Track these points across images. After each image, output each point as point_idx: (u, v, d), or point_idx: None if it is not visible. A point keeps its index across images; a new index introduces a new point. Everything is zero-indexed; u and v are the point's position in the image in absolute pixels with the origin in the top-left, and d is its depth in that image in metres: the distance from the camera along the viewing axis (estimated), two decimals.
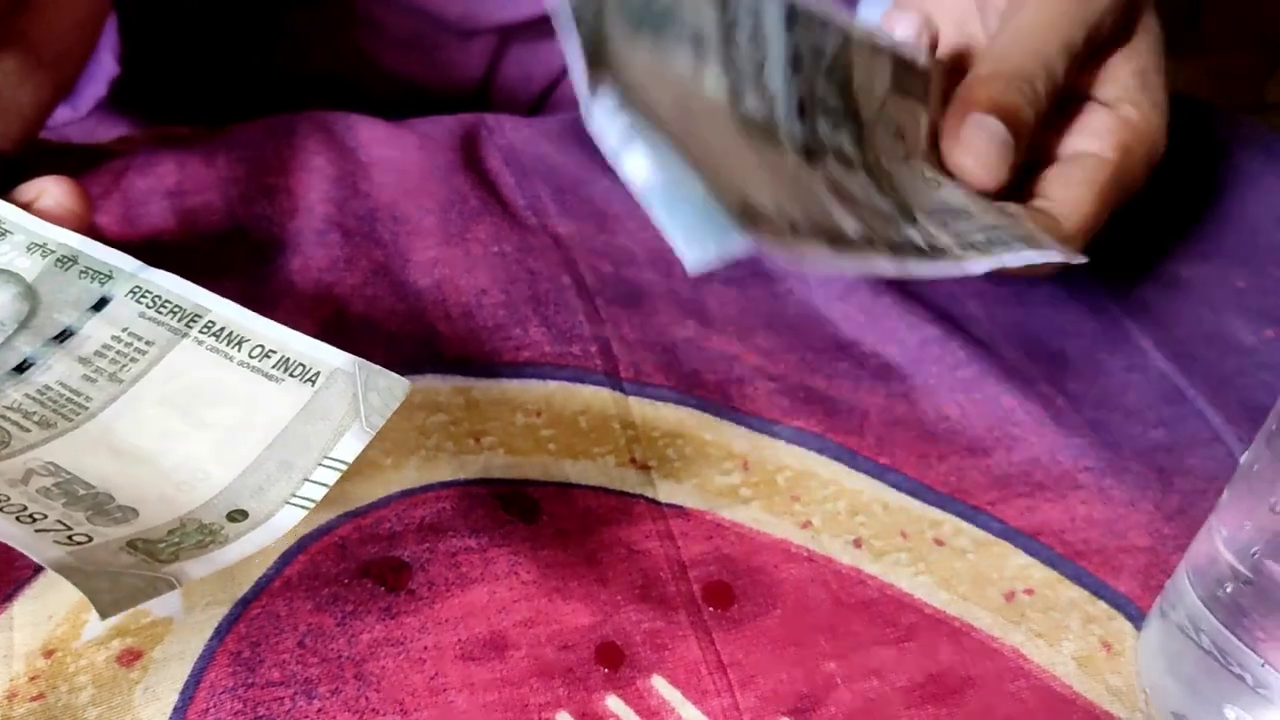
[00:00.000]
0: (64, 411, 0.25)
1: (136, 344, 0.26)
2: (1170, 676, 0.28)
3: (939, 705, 0.28)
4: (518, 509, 0.31)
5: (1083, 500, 0.33)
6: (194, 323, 0.26)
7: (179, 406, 0.25)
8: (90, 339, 0.26)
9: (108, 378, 0.26)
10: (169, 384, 0.26)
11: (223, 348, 0.26)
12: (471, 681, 0.27)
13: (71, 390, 0.25)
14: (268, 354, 0.26)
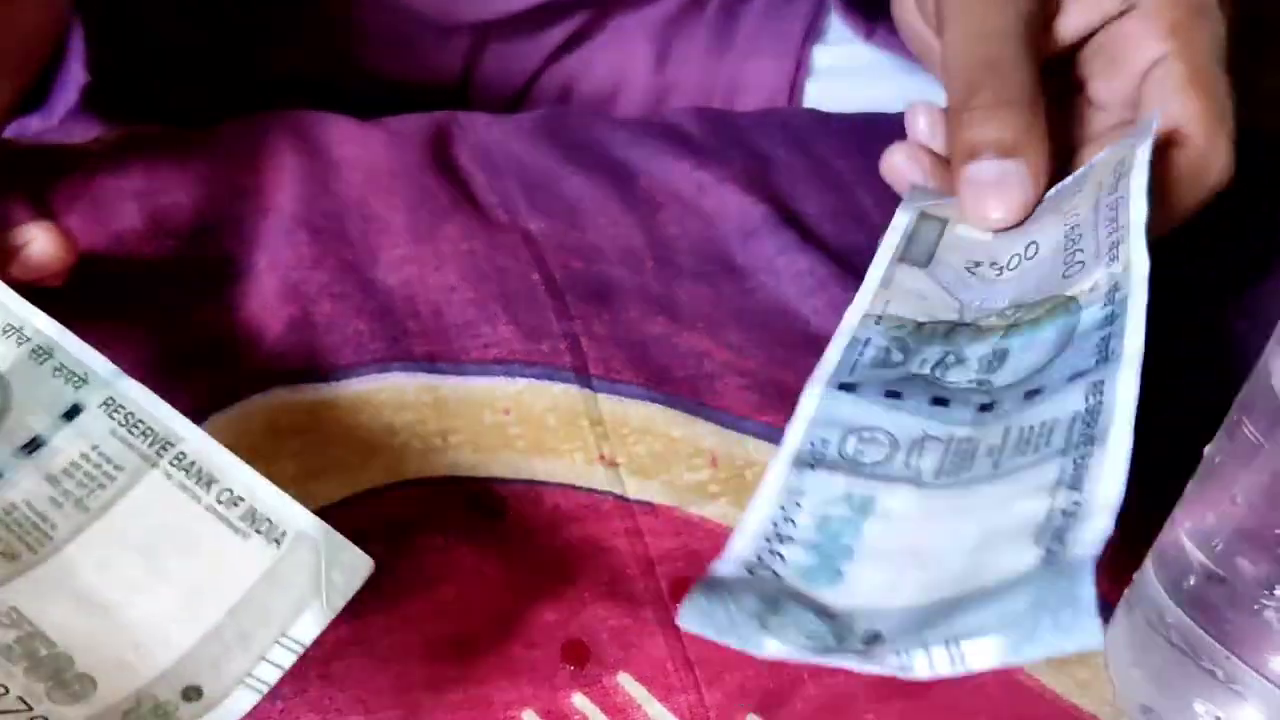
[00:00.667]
0: (29, 540, 0.25)
1: (105, 466, 0.26)
2: (1138, 669, 0.28)
3: (906, 700, 0.28)
4: (485, 507, 0.31)
5: None
6: (165, 450, 0.26)
7: (143, 551, 0.25)
8: (60, 453, 0.26)
9: (74, 503, 0.25)
10: (135, 520, 0.25)
11: (191, 486, 0.25)
12: (437, 680, 0.27)
13: (38, 514, 0.25)
14: (236, 500, 0.25)
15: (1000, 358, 0.27)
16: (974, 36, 0.32)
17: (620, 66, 0.55)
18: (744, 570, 0.23)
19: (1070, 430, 0.24)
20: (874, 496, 0.25)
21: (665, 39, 0.55)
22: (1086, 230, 0.29)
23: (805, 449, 0.26)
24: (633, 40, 0.55)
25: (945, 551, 0.23)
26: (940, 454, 0.25)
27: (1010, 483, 0.24)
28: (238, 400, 0.33)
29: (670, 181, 0.41)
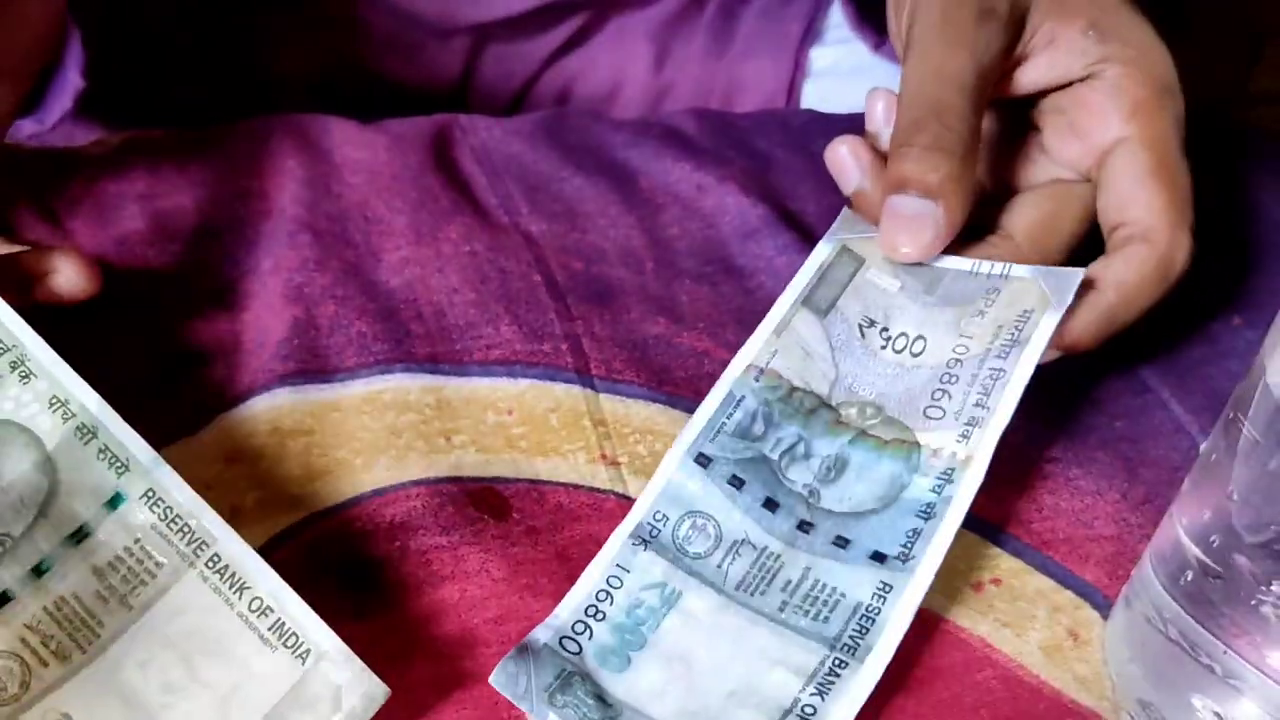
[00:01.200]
0: (78, 639, 0.26)
1: (147, 563, 0.27)
2: (1136, 664, 0.28)
3: (907, 696, 0.28)
4: (488, 507, 0.31)
5: (1050, 490, 0.33)
6: (201, 551, 0.27)
7: (182, 653, 0.26)
8: (105, 545, 0.27)
9: (119, 600, 0.26)
10: (175, 621, 0.26)
11: (225, 590, 0.27)
12: (442, 680, 0.28)
13: (86, 610, 0.26)
14: (265, 611, 0.26)
15: (839, 469, 0.31)
16: (929, 77, 0.32)
17: (619, 68, 0.56)
18: (557, 639, 0.28)
19: (847, 621, 0.28)
20: (682, 593, 0.29)
21: (664, 40, 0.55)
22: (963, 378, 0.31)
23: (646, 523, 0.30)
24: (632, 42, 0.55)
25: (711, 677, 0.28)
26: (749, 564, 0.30)
27: (784, 641, 0.28)
28: (242, 401, 0.33)
29: (670, 183, 0.42)
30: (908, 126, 0.32)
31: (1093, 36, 0.33)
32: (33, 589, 0.26)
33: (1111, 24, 0.34)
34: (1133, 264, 0.32)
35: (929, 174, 0.31)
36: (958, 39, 0.32)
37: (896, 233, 0.32)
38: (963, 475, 0.30)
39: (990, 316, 0.32)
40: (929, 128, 0.31)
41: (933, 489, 0.30)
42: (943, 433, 0.30)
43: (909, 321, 0.33)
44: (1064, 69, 0.34)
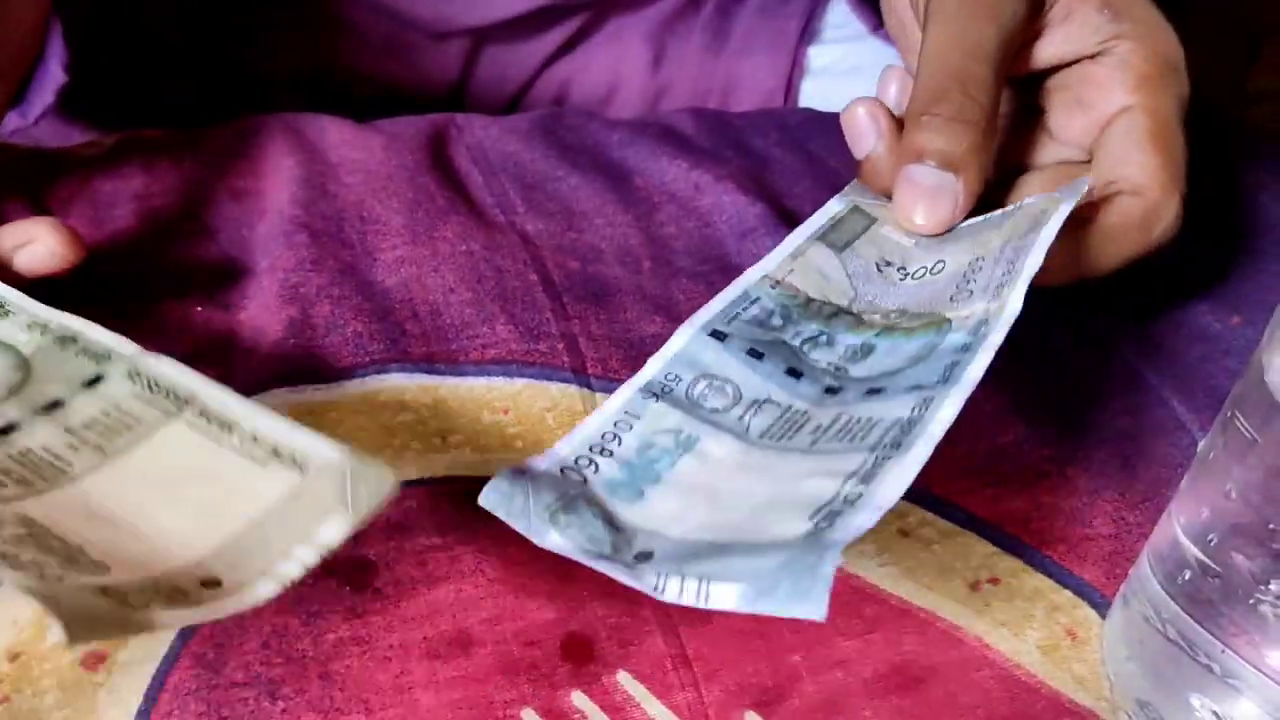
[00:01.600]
0: (43, 473, 0.25)
1: (126, 419, 0.26)
2: (1134, 663, 0.28)
3: (903, 696, 0.28)
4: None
5: (1047, 489, 0.33)
6: (187, 406, 0.26)
7: (162, 483, 0.25)
8: (79, 412, 0.26)
9: (92, 448, 0.26)
10: (154, 460, 0.25)
11: (214, 431, 0.26)
12: (437, 679, 0.28)
13: (54, 455, 0.25)
14: (257, 439, 0.25)
15: (865, 352, 0.29)
16: (953, 45, 0.32)
17: (616, 68, 0.56)
18: (556, 469, 0.25)
19: (886, 432, 0.25)
20: (699, 438, 0.27)
21: (661, 40, 0.55)
22: (987, 266, 0.30)
23: (657, 380, 0.28)
24: (629, 42, 0.55)
25: (735, 499, 0.25)
26: (773, 418, 0.27)
27: (817, 460, 0.25)
28: None
29: (667, 182, 0.41)
30: (929, 95, 0.32)
31: (1106, 14, 0.34)
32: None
33: (1123, 3, 0.34)
34: (1117, 210, 0.33)
35: (950, 145, 0.31)
36: (983, 7, 0.32)
37: (914, 203, 0.32)
38: (999, 317, 0.27)
39: (1006, 228, 0.31)
40: (952, 97, 0.31)
41: (968, 334, 0.28)
42: (972, 304, 0.29)
43: (927, 260, 0.32)
44: (1078, 44, 0.34)
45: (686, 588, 0.22)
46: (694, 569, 0.22)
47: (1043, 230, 0.29)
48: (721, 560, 0.22)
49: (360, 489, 0.24)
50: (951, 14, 0.33)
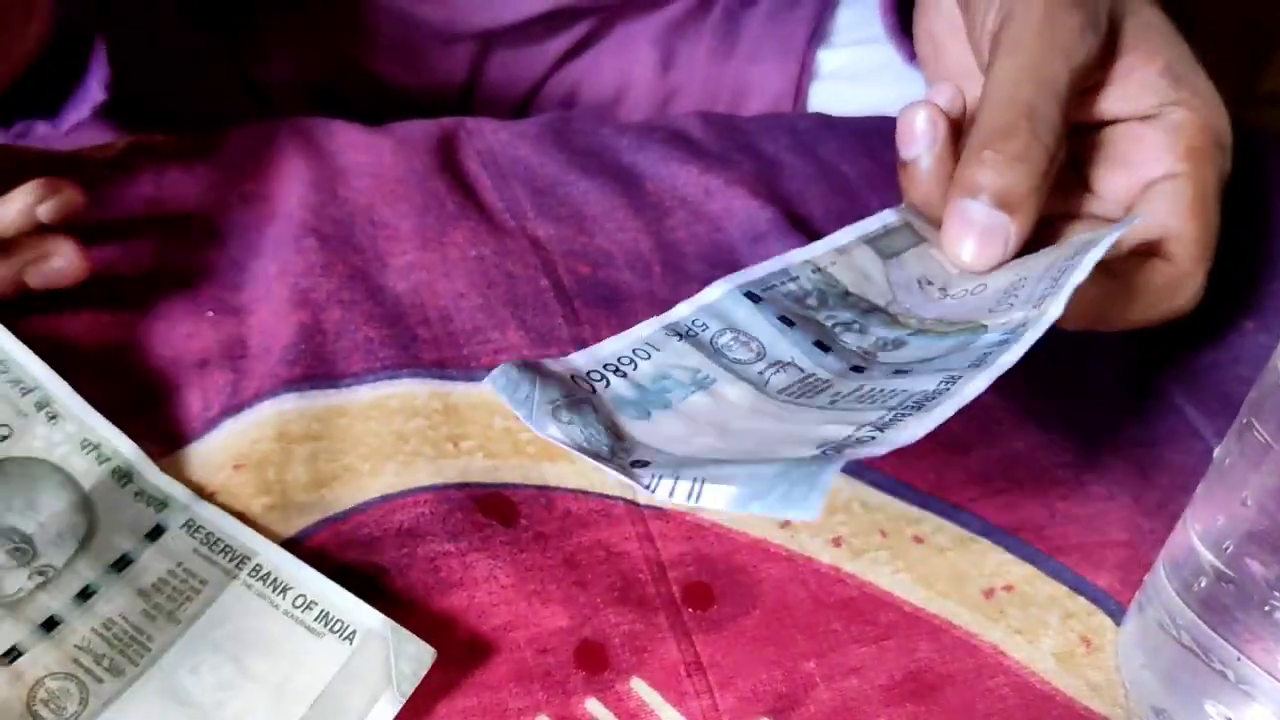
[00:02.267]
0: (129, 654, 0.26)
1: (191, 581, 0.28)
2: (1149, 671, 0.28)
3: (918, 703, 0.28)
4: (496, 513, 0.31)
5: (1062, 496, 0.33)
6: (243, 565, 0.28)
7: (231, 655, 0.27)
8: (148, 570, 0.28)
9: (166, 616, 0.27)
10: (221, 627, 0.27)
11: (269, 594, 0.28)
12: (451, 686, 0.27)
13: (134, 627, 0.27)
14: (309, 605, 0.28)
15: (897, 345, 0.29)
16: (1024, 77, 0.31)
17: (625, 72, 0.55)
18: (567, 373, 0.25)
19: (909, 399, 0.25)
20: (716, 380, 0.26)
21: (669, 44, 0.55)
22: (1029, 284, 0.30)
23: (684, 323, 0.28)
24: (637, 46, 0.55)
25: (746, 435, 0.25)
26: (794, 380, 0.27)
27: (834, 414, 0.25)
28: (249, 407, 0.33)
29: (677, 186, 0.41)
30: (994, 130, 0.31)
31: (1168, 79, 0.33)
32: (79, 612, 0.27)
33: (1184, 71, 0.33)
34: (1146, 271, 0.32)
35: (1010, 185, 0.30)
36: (1060, 43, 0.31)
37: (963, 239, 0.31)
38: (1038, 321, 0.26)
39: (1050, 255, 0.30)
40: (1019, 135, 0.30)
41: (1004, 333, 0.27)
42: (1012, 314, 0.28)
43: (969, 283, 0.31)
44: (1135, 104, 0.33)
45: (679, 488, 0.22)
46: (689, 473, 0.22)
47: (1090, 252, 0.28)
48: (719, 468, 0.22)
49: (404, 665, 0.27)
50: (1026, 46, 0.32)
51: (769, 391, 0.26)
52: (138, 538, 0.28)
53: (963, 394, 0.24)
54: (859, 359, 0.28)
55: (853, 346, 0.28)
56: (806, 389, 0.27)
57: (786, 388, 0.26)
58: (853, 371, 0.27)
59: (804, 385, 0.27)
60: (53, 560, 0.27)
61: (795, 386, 0.27)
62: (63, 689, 0.26)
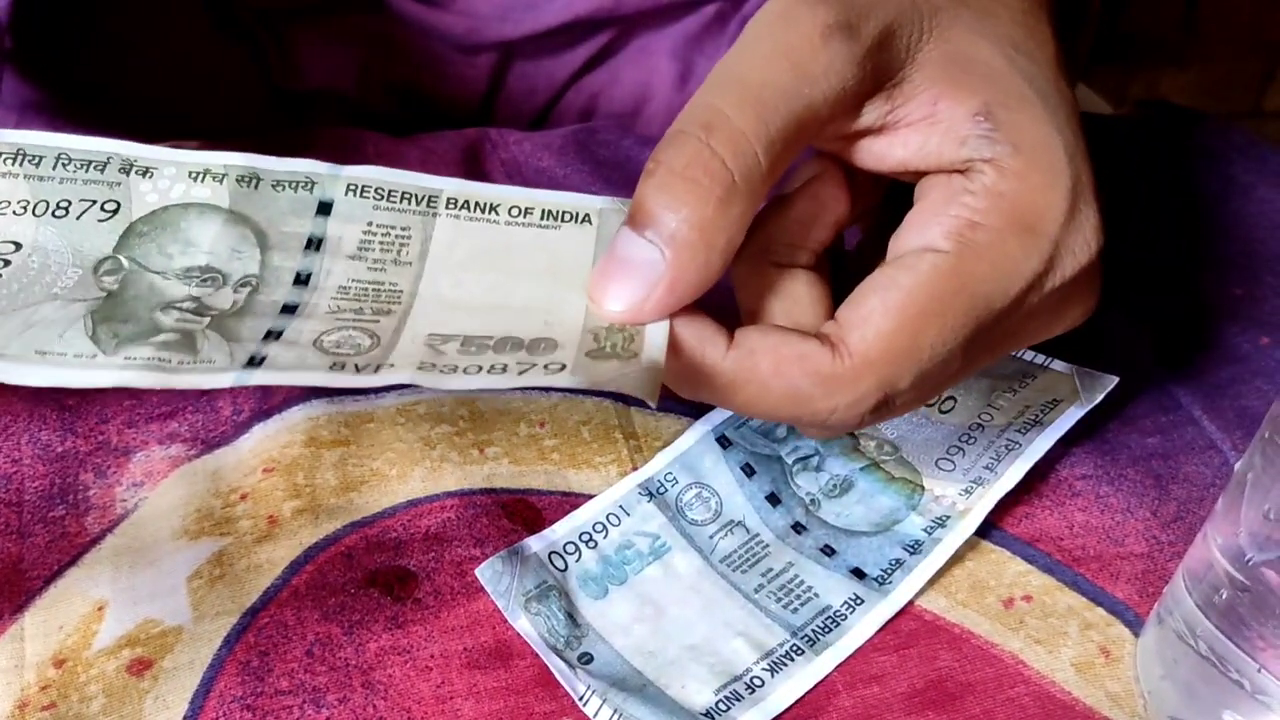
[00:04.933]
0: (382, 299, 0.25)
1: (392, 232, 0.26)
2: (1168, 682, 0.28)
3: (939, 711, 0.28)
4: (521, 518, 0.32)
5: (1080, 508, 0.33)
6: (434, 202, 0.27)
7: (486, 265, 0.26)
8: (342, 239, 0.26)
9: (392, 263, 0.26)
10: (456, 252, 0.26)
11: (481, 216, 0.26)
12: (478, 689, 0.28)
13: (369, 282, 0.25)
14: (526, 211, 0.26)
15: (844, 489, 0.32)
16: (722, 78, 0.24)
17: (644, 84, 0.56)
18: (548, 553, 0.30)
19: (813, 617, 0.30)
20: (672, 549, 0.31)
21: (688, 56, 0.56)
22: (980, 442, 0.33)
23: (656, 479, 0.32)
24: (656, 57, 0.55)
25: (676, 627, 0.29)
26: (739, 543, 0.31)
27: (751, 617, 0.30)
28: (279, 412, 0.33)
29: None
30: (664, 140, 0.24)
31: (983, 126, 0.25)
32: (307, 293, 0.25)
33: (1010, 116, 0.25)
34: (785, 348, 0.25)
35: (664, 210, 0.23)
36: (785, 45, 0.24)
37: (605, 278, 0.24)
38: (956, 524, 0.31)
39: (1020, 396, 0.33)
40: (685, 146, 0.23)
41: (925, 529, 0.31)
42: (949, 484, 0.32)
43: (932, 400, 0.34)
44: (936, 155, 0.26)
45: (603, 713, 0.27)
46: (615, 698, 0.27)
47: (1040, 439, 0.32)
48: (637, 704, 0.27)
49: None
50: (747, 42, 0.25)
51: (713, 560, 0.31)
52: (309, 218, 0.26)
53: (850, 638, 0.29)
54: (803, 511, 0.32)
55: (803, 492, 0.32)
56: (746, 558, 0.31)
57: (729, 556, 0.31)
58: (792, 531, 0.31)
59: (745, 553, 0.31)
60: (247, 270, 0.25)
61: (737, 556, 0.31)
62: (346, 338, 0.24)
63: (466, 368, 0.23)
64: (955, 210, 0.25)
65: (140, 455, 0.32)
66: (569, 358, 0.23)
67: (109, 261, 0.25)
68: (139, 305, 0.25)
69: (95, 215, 0.26)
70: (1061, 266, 0.26)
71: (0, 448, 0.32)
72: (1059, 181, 0.25)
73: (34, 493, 0.31)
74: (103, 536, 0.30)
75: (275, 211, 0.26)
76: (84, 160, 0.27)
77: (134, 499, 0.31)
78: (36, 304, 0.24)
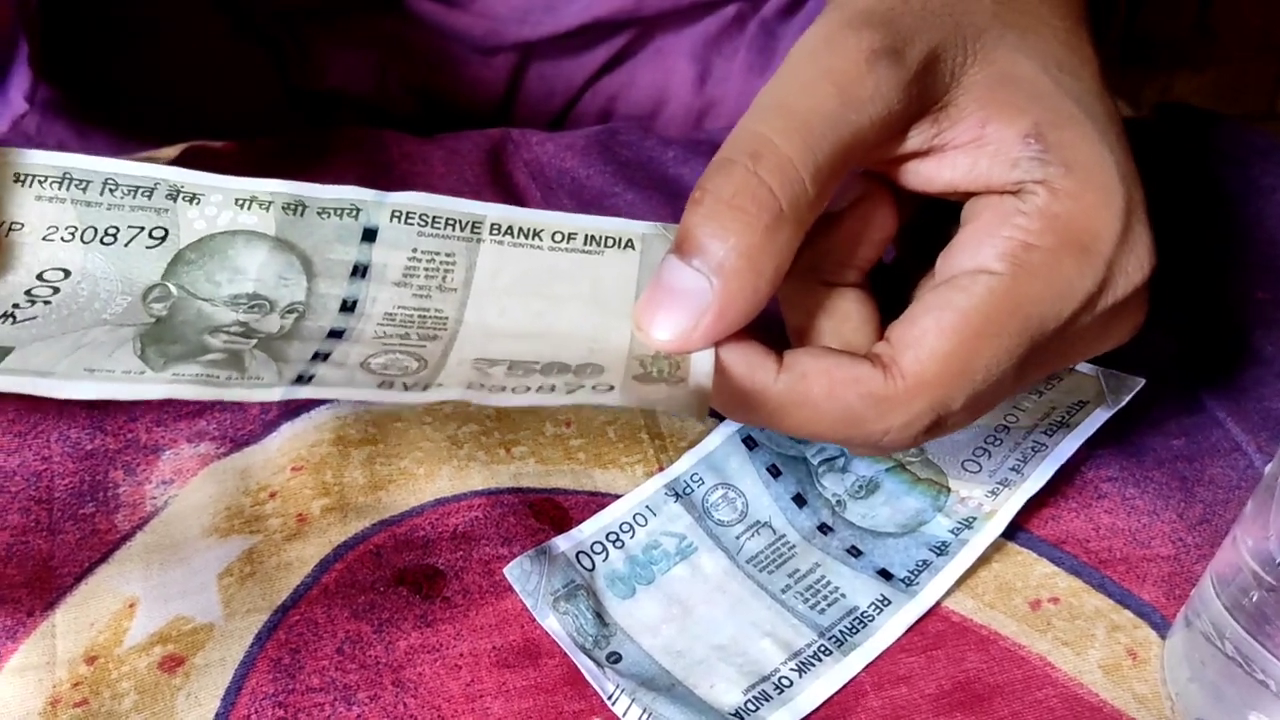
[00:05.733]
0: (428, 325, 0.25)
1: (437, 258, 0.26)
2: (1195, 684, 0.28)
3: (968, 713, 0.28)
4: (548, 517, 0.32)
5: (1106, 510, 0.33)
6: (478, 229, 0.27)
7: (530, 291, 0.26)
8: (387, 266, 0.26)
9: (437, 289, 0.26)
10: (500, 280, 0.26)
11: (524, 241, 0.26)
12: (507, 688, 0.28)
13: (415, 309, 0.26)
14: (570, 237, 0.26)
15: (870, 490, 0.33)
16: (769, 103, 0.24)
17: (662, 85, 0.56)
18: (575, 552, 0.30)
19: (841, 618, 0.30)
20: (698, 549, 0.31)
21: (706, 58, 0.56)
22: (1006, 443, 0.33)
23: (682, 479, 0.32)
24: (674, 59, 0.56)
25: (704, 627, 0.29)
26: (765, 544, 0.31)
27: (779, 618, 0.30)
28: (306, 411, 0.33)
29: None
30: (711, 167, 0.24)
31: (1034, 148, 0.25)
32: (355, 318, 0.25)
33: (1062, 137, 0.25)
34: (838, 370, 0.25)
35: (711, 239, 0.23)
36: (831, 71, 0.24)
37: (652, 307, 0.24)
38: (983, 526, 0.31)
39: (1047, 397, 0.33)
40: (733, 174, 0.23)
41: (951, 530, 0.31)
42: (974, 485, 0.32)
43: None
44: (986, 177, 0.26)
45: (631, 712, 0.27)
46: (643, 698, 0.27)
47: (1067, 440, 0.32)
48: (666, 703, 0.27)
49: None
50: (792, 69, 0.25)
51: (740, 560, 0.31)
52: (355, 245, 0.26)
53: (878, 639, 0.29)
54: (829, 512, 0.32)
55: (829, 493, 0.32)
56: (773, 559, 0.31)
57: (755, 556, 0.31)
58: (818, 532, 0.32)
59: (771, 553, 0.31)
60: (294, 297, 0.26)
61: (763, 556, 0.31)
62: (393, 361, 0.24)
63: (514, 388, 0.23)
64: (1008, 231, 0.25)
65: (169, 453, 0.32)
66: (616, 380, 0.23)
67: (158, 289, 0.26)
68: (187, 329, 0.25)
69: (143, 242, 0.26)
70: (1115, 286, 0.26)
71: (30, 445, 0.32)
72: (1113, 201, 0.25)
73: (64, 490, 0.31)
74: (133, 534, 0.30)
75: (321, 238, 0.27)
76: (131, 186, 0.27)
77: (164, 496, 0.31)
78: (86, 328, 0.24)
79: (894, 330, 0.25)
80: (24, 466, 0.31)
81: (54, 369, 0.23)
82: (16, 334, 0.24)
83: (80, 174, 0.27)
